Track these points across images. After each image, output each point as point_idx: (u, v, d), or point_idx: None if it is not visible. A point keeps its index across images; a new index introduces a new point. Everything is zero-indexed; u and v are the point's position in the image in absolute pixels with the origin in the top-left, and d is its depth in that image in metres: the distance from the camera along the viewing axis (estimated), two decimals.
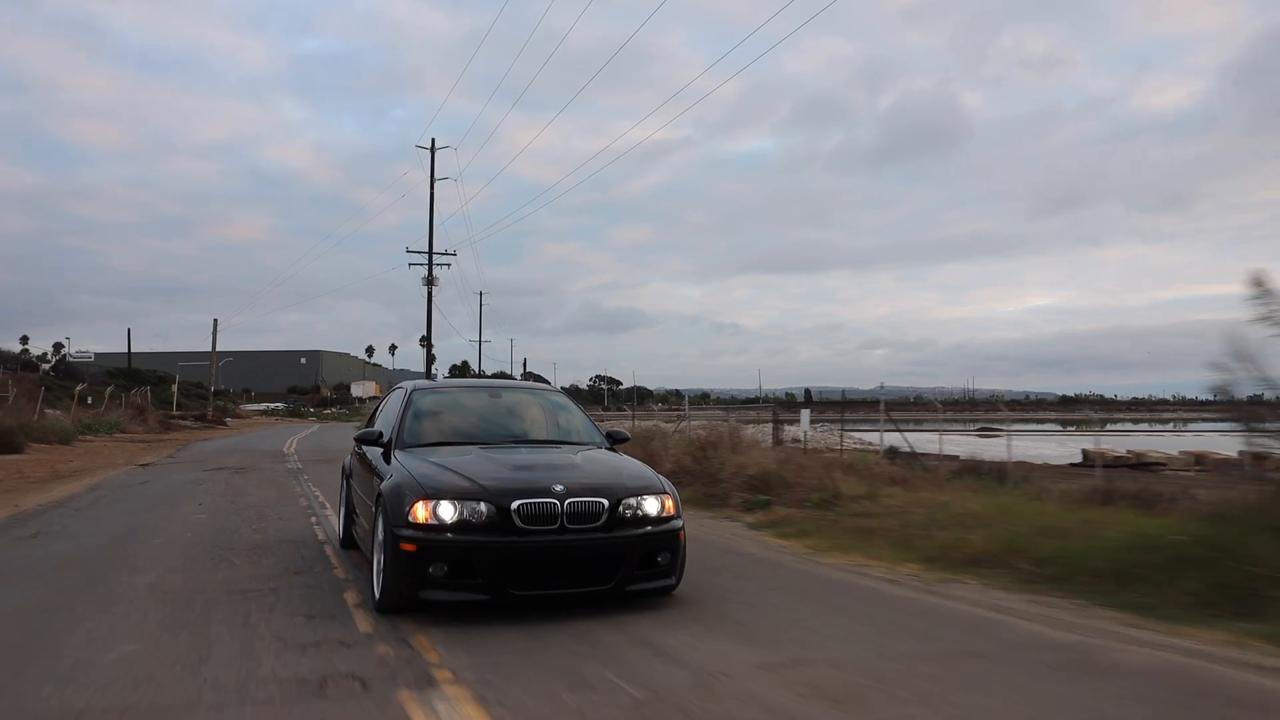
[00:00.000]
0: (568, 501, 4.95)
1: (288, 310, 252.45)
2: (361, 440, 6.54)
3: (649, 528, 5.18)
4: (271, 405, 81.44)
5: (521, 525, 4.84)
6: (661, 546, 5.23)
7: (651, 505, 5.25)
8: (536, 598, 4.95)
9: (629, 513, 5.14)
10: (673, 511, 5.35)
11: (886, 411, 20.23)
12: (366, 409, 64.91)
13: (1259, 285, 6.54)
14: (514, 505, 4.86)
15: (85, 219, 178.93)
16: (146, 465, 16.98)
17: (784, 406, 39.36)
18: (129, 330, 67.09)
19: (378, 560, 5.17)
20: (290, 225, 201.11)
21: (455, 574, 4.79)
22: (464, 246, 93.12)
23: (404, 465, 5.43)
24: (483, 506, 4.85)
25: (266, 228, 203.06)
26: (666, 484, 5.55)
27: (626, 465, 5.79)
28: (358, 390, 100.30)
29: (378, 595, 5.08)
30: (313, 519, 9.10)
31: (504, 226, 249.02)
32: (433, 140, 36.96)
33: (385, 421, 6.55)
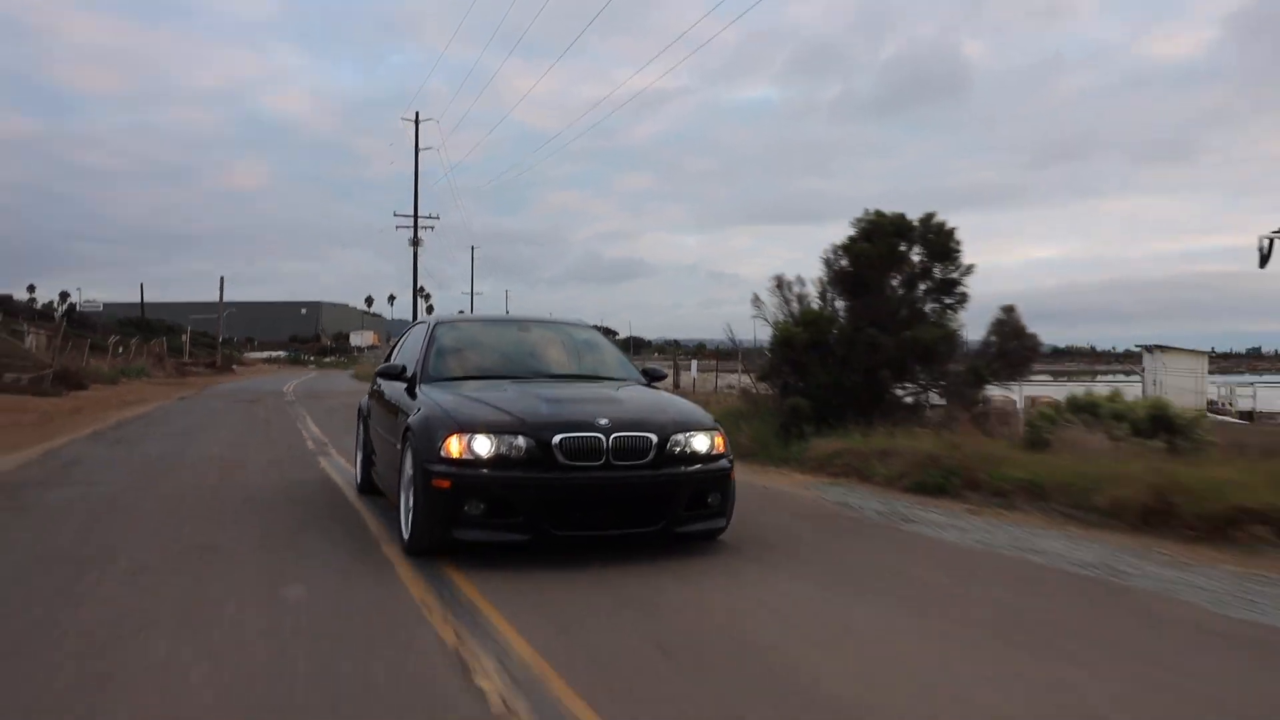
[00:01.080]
0: (613, 436, 4.91)
1: (288, 259, 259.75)
2: (382, 375, 6.56)
3: (699, 465, 5.17)
4: (274, 354, 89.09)
5: (564, 461, 4.81)
6: (712, 486, 5.24)
7: (701, 442, 5.23)
8: (580, 539, 4.97)
9: (677, 449, 5.11)
10: (722, 449, 5.35)
11: (742, 361, 27.07)
12: (365, 357, 72.22)
13: (777, 282, 13.39)
14: (556, 439, 4.82)
15: (85, 166, 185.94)
16: (184, 398, 24.12)
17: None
18: (141, 285, 73.93)
19: (405, 499, 5.19)
20: (290, 173, 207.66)
21: (492, 513, 4.79)
22: (463, 197, 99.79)
23: (432, 398, 5.40)
24: (521, 441, 4.82)
25: (266, 175, 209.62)
26: (715, 421, 5.54)
27: (671, 401, 5.80)
28: (356, 340, 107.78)
29: (406, 536, 5.10)
30: (297, 422, 16.12)
31: (509, 176, 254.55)
32: (416, 114, 43.79)
33: (407, 356, 6.57)
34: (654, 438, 5.03)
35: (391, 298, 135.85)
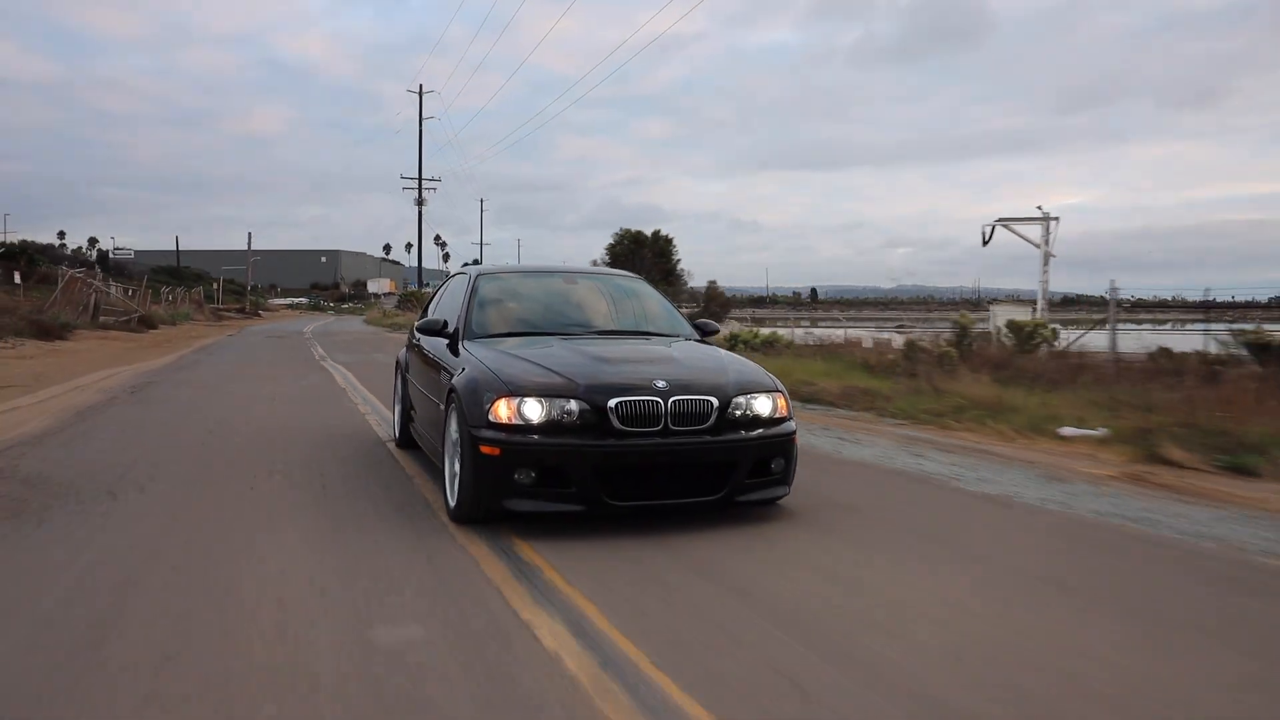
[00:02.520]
0: (671, 400, 4.87)
1: (309, 205, 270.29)
2: (423, 330, 6.52)
3: (761, 430, 5.13)
4: (296, 300, 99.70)
5: (620, 427, 4.78)
6: (775, 451, 5.19)
7: (763, 405, 5.20)
8: (636, 509, 4.93)
9: (739, 413, 5.08)
10: (785, 412, 5.31)
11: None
12: (381, 304, 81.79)
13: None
14: (611, 403, 4.79)
15: (107, 111, 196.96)
16: (231, 335, 34.33)
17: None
18: (176, 237, 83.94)
19: (450, 465, 5.19)
20: (310, 117, 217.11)
21: (544, 481, 4.77)
22: (480, 144, 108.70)
23: (477, 357, 5.41)
24: (574, 405, 4.79)
25: (286, 120, 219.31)
26: (778, 381, 5.49)
27: (729, 360, 5.72)
28: (374, 287, 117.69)
29: (453, 504, 5.10)
30: (311, 348, 26.12)
31: (528, 123, 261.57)
32: (420, 86, 53.92)
33: (447, 310, 6.64)
34: (714, 401, 4.99)
35: (409, 245, 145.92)
